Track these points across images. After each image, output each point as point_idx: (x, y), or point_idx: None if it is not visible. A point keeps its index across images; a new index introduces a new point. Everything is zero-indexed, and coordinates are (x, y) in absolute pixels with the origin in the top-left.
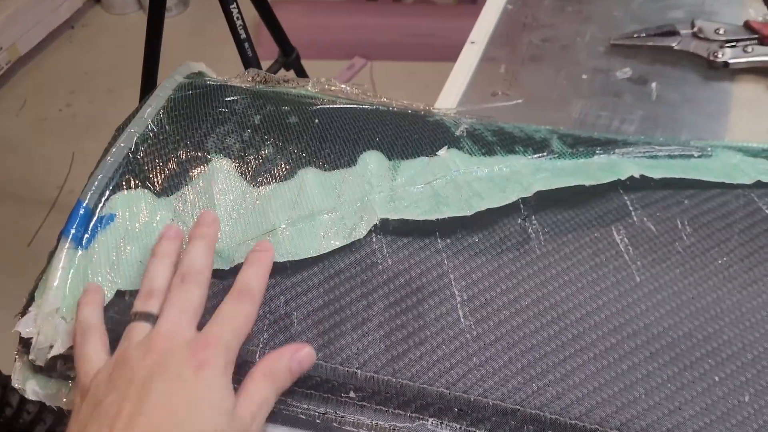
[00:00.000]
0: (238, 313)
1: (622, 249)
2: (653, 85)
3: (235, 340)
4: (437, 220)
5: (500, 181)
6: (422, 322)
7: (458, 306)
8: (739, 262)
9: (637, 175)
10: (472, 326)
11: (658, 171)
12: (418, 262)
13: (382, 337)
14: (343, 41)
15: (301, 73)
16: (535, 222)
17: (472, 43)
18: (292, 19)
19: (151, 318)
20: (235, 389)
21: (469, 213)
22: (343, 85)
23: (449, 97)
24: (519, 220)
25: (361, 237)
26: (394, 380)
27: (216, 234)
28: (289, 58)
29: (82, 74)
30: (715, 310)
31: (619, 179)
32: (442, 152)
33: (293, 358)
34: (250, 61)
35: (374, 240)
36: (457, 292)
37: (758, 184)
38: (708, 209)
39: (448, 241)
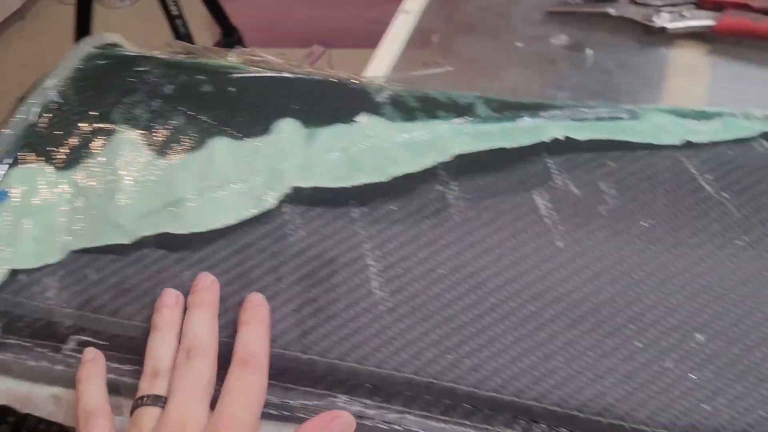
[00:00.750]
0: (248, 385)
1: (545, 214)
2: (589, 52)
3: (251, 417)
4: (354, 188)
5: (419, 146)
6: (334, 295)
7: (372, 277)
8: (664, 224)
9: (561, 137)
10: (387, 298)
11: (583, 133)
12: (332, 233)
13: (292, 311)
14: (301, 29)
15: None
16: (455, 188)
17: (406, 12)
18: (248, 5)
19: (160, 400)
20: None
21: (384, 179)
22: (267, 55)
23: (380, 67)
24: (439, 187)
25: (272, 207)
26: (303, 356)
27: (217, 298)
28: (231, 39)
29: (34, 67)
30: (639, 274)
31: (544, 143)
32: (361, 119)
33: (329, 428)
34: (182, 39)
35: (286, 210)
36: (371, 263)
37: (687, 145)
38: (634, 171)
39: (365, 209)
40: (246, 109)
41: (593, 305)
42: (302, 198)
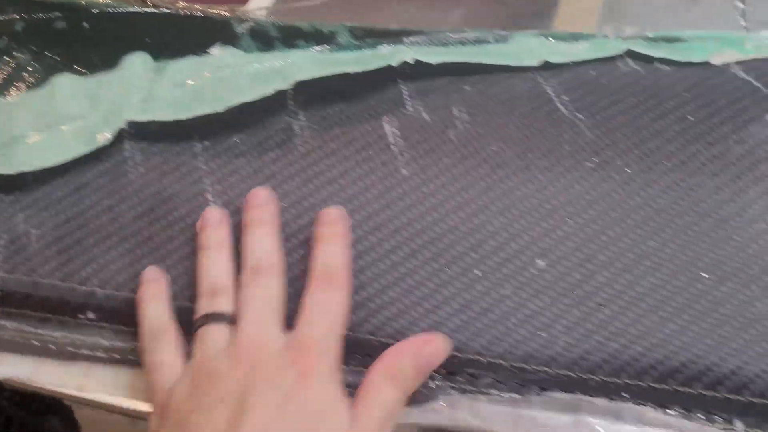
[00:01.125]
0: (330, 304)
1: (392, 141)
2: None
3: (334, 338)
4: (199, 122)
5: (267, 75)
6: (170, 233)
7: None
8: (514, 148)
9: (411, 61)
10: None
11: (436, 56)
12: (172, 169)
13: (127, 251)
14: None
15: None
16: (302, 118)
17: None
18: None
19: (225, 318)
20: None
21: (221, 109)
22: None
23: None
24: (286, 118)
25: (107, 143)
26: (134, 297)
27: (276, 212)
28: None
29: None
30: (483, 200)
31: (399, 69)
32: (214, 50)
33: (421, 353)
34: None
35: (126, 147)
36: (211, 198)
37: (548, 66)
38: (490, 95)
39: (207, 143)
40: (98, 45)
41: (435, 234)
42: (145, 134)
